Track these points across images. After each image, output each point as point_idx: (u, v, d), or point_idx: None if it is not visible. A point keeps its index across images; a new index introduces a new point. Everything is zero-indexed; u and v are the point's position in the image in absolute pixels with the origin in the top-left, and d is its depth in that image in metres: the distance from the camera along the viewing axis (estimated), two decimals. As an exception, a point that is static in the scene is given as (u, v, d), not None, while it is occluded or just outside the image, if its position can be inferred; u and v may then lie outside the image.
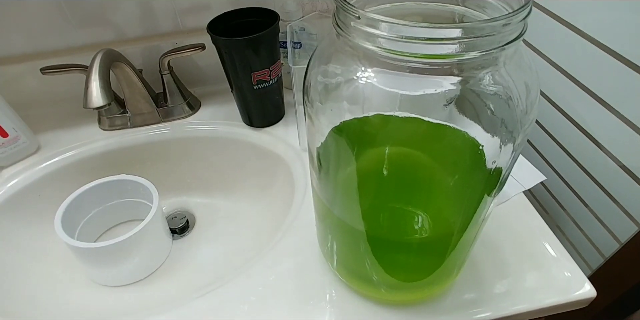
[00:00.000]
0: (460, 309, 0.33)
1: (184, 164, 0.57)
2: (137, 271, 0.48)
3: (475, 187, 0.26)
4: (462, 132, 0.24)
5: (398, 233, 0.28)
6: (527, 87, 0.22)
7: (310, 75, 0.25)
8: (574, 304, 0.34)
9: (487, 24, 0.18)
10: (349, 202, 0.28)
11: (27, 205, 0.49)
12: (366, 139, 0.26)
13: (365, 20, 0.19)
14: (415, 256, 0.30)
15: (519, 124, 0.23)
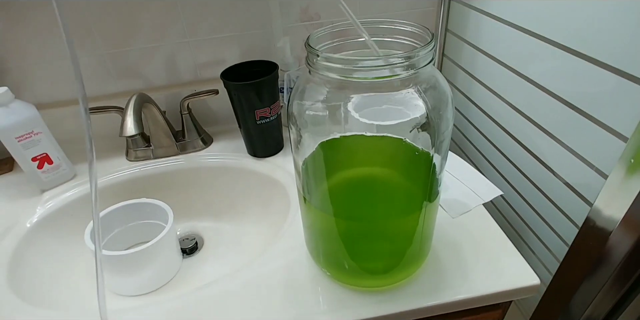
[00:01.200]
0: (423, 293, 0.39)
1: (196, 191, 0.65)
2: (150, 282, 0.54)
3: (419, 182, 0.34)
4: (404, 142, 0.33)
5: (361, 219, 0.36)
6: (441, 102, 0.31)
7: (292, 105, 0.34)
8: (522, 291, 0.39)
9: (403, 55, 0.28)
10: (326, 198, 0.36)
11: (62, 223, 0.57)
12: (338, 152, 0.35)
13: (324, 57, 0.29)
14: (379, 242, 0.37)
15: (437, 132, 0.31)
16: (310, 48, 0.30)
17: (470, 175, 0.54)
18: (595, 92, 0.40)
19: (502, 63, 0.54)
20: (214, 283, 0.44)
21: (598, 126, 0.40)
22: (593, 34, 0.39)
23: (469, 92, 0.65)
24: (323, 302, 0.39)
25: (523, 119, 0.51)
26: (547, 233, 0.50)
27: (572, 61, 0.42)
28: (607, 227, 0.39)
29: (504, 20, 0.52)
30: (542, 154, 0.49)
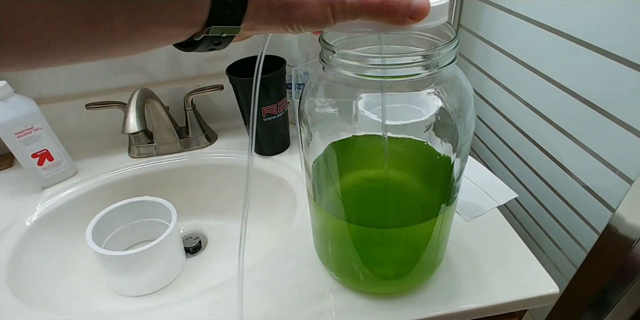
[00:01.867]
0: (436, 302, 0.37)
1: (200, 188, 0.64)
2: (153, 283, 0.53)
3: (436, 186, 0.32)
4: (425, 144, 0.31)
5: (376, 225, 0.34)
6: (462, 103, 0.29)
7: (304, 103, 0.33)
8: (539, 300, 0.38)
9: (428, 52, 0.26)
10: (337, 202, 0.35)
11: (63, 221, 0.56)
12: (351, 153, 0.34)
13: (340, 54, 0.27)
14: (392, 248, 0.36)
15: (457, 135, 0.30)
16: (326, 44, 0.28)
17: (484, 177, 0.52)
18: (617, 90, 0.38)
19: (517, 60, 0.52)
20: (219, 287, 0.42)
21: (621, 127, 0.38)
22: (614, 29, 0.37)
23: (482, 91, 0.63)
24: (333, 309, 0.38)
25: (539, 118, 0.49)
26: (564, 238, 0.48)
27: (592, 57, 0.40)
28: (630, 235, 0.37)
29: (520, 14, 0.50)
30: (559, 156, 0.47)
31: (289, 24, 0.22)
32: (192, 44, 0.21)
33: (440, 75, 0.29)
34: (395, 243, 0.35)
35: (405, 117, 0.31)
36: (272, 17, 0.21)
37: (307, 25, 0.22)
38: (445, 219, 0.34)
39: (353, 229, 0.34)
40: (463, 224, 0.46)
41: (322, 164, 0.33)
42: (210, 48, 0.22)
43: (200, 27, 0.20)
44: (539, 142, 0.51)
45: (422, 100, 0.30)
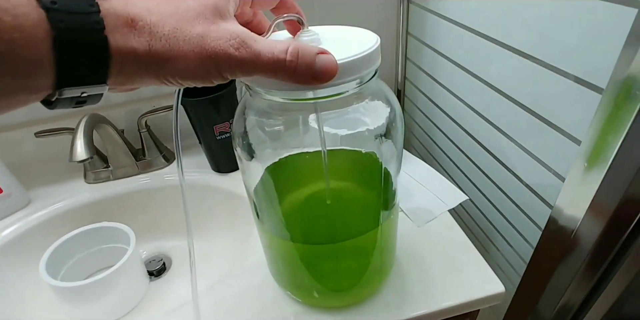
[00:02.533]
0: (388, 309, 0.38)
1: (161, 210, 0.63)
2: (114, 310, 0.52)
3: (374, 195, 0.33)
4: (366, 153, 0.32)
5: (320, 242, 0.35)
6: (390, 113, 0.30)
7: (235, 129, 0.33)
8: (487, 300, 0.39)
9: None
10: (280, 223, 0.35)
11: (16, 255, 0.54)
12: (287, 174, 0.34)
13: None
14: (339, 261, 0.36)
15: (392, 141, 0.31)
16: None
17: (435, 180, 0.53)
18: (548, 95, 0.40)
19: (459, 66, 0.54)
20: (176, 311, 0.42)
21: (552, 128, 0.40)
22: (542, 37, 0.39)
23: (433, 96, 0.65)
24: (289, 324, 0.38)
25: (483, 121, 0.51)
26: (514, 236, 0.50)
27: (524, 64, 0.42)
28: (569, 227, 0.39)
29: (459, 23, 0.52)
30: (504, 157, 0.49)
31: (165, 79, 0.20)
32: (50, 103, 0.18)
33: (366, 89, 0.30)
34: (342, 256, 0.36)
35: (353, 126, 0.32)
36: (142, 71, 0.19)
37: (187, 80, 0.20)
38: (387, 227, 0.35)
39: (299, 248, 0.34)
40: (415, 230, 0.47)
41: (261, 189, 0.33)
42: (75, 106, 0.19)
43: (50, 91, 0.17)
44: (485, 144, 0.52)
45: (353, 116, 0.31)
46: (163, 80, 0.20)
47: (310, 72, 0.22)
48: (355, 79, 0.26)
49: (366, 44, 0.27)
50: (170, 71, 0.19)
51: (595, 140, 0.34)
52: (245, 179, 0.34)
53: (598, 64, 0.33)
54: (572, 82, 0.36)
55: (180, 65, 0.19)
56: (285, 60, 0.21)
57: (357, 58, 0.26)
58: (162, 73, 0.19)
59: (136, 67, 0.19)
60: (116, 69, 0.18)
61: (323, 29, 0.31)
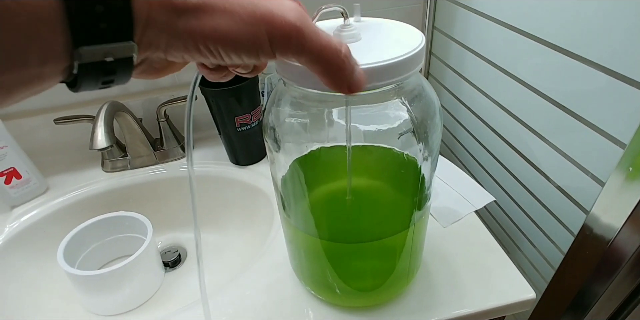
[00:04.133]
0: (413, 313, 0.37)
1: (177, 201, 0.62)
2: (130, 301, 0.52)
3: (407, 195, 0.32)
4: (394, 151, 0.31)
5: (348, 241, 0.33)
6: (428, 111, 0.29)
7: (267, 117, 0.32)
8: (517, 306, 0.37)
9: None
10: (308, 218, 0.34)
11: (33, 241, 0.54)
12: (318, 168, 0.33)
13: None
14: (366, 261, 0.35)
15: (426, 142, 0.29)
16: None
17: (461, 180, 0.52)
18: (585, 92, 0.38)
19: (490, 62, 0.52)
20: (194, 305, 0.41)
21: (591, 129, 0.38)
22: (583, 32, 0.37)
23: (458, 92, 0.63)
24: (309, 323, 0.37)
25: (513, 120, 0.49)
26: (542, 240, 0.48)
27: (561, 60, 0.40)
28: (606, 236, 0.37)
29: (492, 17, 0.50)
30: (534, 158, 0.47)
31: (202, 43, 0.16)
32: (73, 80, 0.15)
33: (406, 85, 0.28)
34: (369, 256, 0.35)
35: (378, 124, 0.30)
36: (174, 28, 0.15)
37: (228, 47, 0.16)
38: (417, 228, 0.33)
39: (325, 245, 0.33)
40: (441, 231, 0.45)
41: (289, 181, 0.32)
42: (103, 83, 0.16)
43: (67, 54, 0.14)
44: (514, 144, 0.51)
45: (390, 111, 0.29)
46: (200, 44, 0.16)
47: (349, 77, 0.20)
48: (395, 81, 0.25)
49: (409, 43, 0.26)
50: (210, 30, 0.16)
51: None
52: (273, 170, 0.33)
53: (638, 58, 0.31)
54: (618, 81, 0.34)
55: (224, 21, 0.16)
56: (341, 53, 0.19)
57: (398, 61, 0.24)
58: (200, 32, 0.16)
59: (167, 18, 0.15)
60: (143, 20, 0.15)
61: (362, 23, 0.30)
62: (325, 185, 0.34)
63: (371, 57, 0.24)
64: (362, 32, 0.27)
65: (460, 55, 0.59)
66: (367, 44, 0.27)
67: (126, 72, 0.16)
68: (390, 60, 0.24)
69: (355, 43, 0.27)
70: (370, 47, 0.26)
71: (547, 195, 0.46)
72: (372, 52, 0.25)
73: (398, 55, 0.24)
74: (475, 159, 0.61)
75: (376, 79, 0.25)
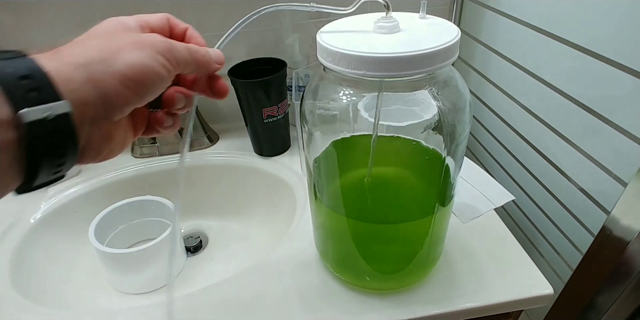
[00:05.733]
0: (434, 300, 0.38)
1: (201, 189, 0.64)
2: (152, 281, 0.54)
3: (431, 185, 0.33)
4: (419, 144, 0.32)
5: (374, 221, 0.35)
6: (457, 104, 0.30)
7: (305, 103, 0.33)
8: (534, 301, 0.38)
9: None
10: (337, 198, 0.35)
11: (66, 220, 0.56)
12: (351, 151, 0.34)
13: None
14: (390, 244, 0.36)
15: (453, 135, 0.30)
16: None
17: (481, 179, 0.52)
18: (613, 95, 0.39)
19: (516, 64, 0.53)
20: (219, 285, 0.43)
21: (616, 131, 0.39)
22: (611, 34, 0.37)
23: (482, 94, 0.63)
24: (332, 305, 0.38)
25: (537, 122, 0.50)
26: (560, 240, 0.49)
27: (589, 63, 0.40)
28: (625, 237, 0.38)
29: (520, 20, 0.51)
30: (556, 159, 0.48)
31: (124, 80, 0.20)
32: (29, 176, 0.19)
33: (438, 75, 0.29)
34: (392, 238, 0.36)
35: (403, 119, 0.32)
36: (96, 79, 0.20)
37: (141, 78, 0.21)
38: (440, 217, 0.35)
39: (352, 224, 0.35)
40: (461, 225, 0.46)
41: (323, 162, 0.34)
42: (56, 157, 0.19)
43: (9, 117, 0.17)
44: (536, 145, 0.51)
45: (419, 100, 0.31)
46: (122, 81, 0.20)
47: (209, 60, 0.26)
48: (425, 71, 0.27)
49: (443, 38, 0.27)
50: (123, 67, 0.20)
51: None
52: (307, 153, 0.35)
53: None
54: (638, 80, 0.35)
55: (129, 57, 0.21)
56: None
57: (430, 52, 0.26)
58: (117, 71, 0.20)
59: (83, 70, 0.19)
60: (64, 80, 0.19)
61: (403, 16, 0.31)
62: (356, 168, 0.35)
63: (406, 47, 0.26)
64: (400, 25, 0.29)
65: (486, 57, 0.60)
66: (407, 35, 0.28)
67: (71, 128, 0.19)
68: (421, 51, 0.26)
69: (396, 34, 0.28)
70: (408, 38, 0.28)
71: (568, 197, 0.47)
72: (408, 43, 0.27)
73: (430, 46, 0.26)
74: (495, 159, 0.62)
75: (409, 68, 0.26)
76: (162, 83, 0.23)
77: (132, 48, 0.21)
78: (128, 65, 0.20)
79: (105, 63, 0.20)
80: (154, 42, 0.22)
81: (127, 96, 0.21)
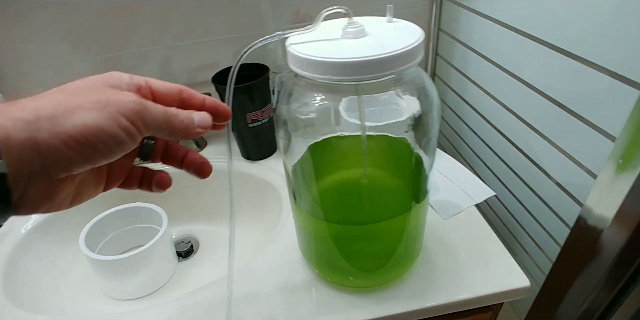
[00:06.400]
0: (414, 295, 0.39)
1: (191, 194, 0.65)
2: (144, 286, 0.55)
3: (404, 182, 0.34)
4: (399, 140, 0.33)
5: (351, 223, 0.36)
6: (426, 102, 0.31)
7: (281, 108, 0.34)
8: (512, 294, 0.39)
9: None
10: (315, 202, 0.36)
11: (57, 228, 0.57)
12: (327, 155, 0.35)
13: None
14: (367, 242, 0.37)
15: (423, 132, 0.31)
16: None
17: (462, 175, 0.53)
18: (584, 92, 0.40)
19: (493, 62, 0.54)
20: (207, 287, 0.44)
21: (587, 126, 0.40)
22: (582, 34, 0.39)
23: (463, 92, 0.65)
24: (316, 304, 0.39)
25: (515, 118, 0.51)
26: (540, 234, 0.50)
27: (561, 61, 0.42)
28: (598, 227, 0.39)
29: (494, 19, 0.52)
30: (534, 154, 0.49)
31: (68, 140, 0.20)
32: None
33: (405, 76, 0.30)
34: (371, 238, 0.37)
35: (378, 119, 0.33)
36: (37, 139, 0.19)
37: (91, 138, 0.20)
38: (416, 213, 0.36)
39: (330, 227, 0.36)
40: (441, 222, 0.47)
41: (300, 167, 0.35)
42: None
43: None
44: (515, 141, 0.52)
45: (388, 100, 0.32)
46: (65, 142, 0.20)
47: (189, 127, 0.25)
48: (395, 72, 0.28)
49: (409, 38, 0.28)
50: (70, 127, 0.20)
51: (631, 136, 0.34)
52: (285, 160, 0.36)
53: (637, 59, 0.33)
54: (609, 78, 0.36)
55: (79, 115, 0.20)
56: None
57: (399, 53, 0.27)
58: (62, 131, 0.20)
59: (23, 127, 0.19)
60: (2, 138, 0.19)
61: (371, 20, 0.32)
62: (333, 171, 0.36)
63: (372, 50, 0.27)
64: (366, 29, 0.30)
65: (465, 56, 0.61)
66: (372, 39, 0.29)
67: (3, 188, 0.19)
68: (384, 54, 0.27)
69: (361, 38, 0.30)
70: (373, 42, 0.29)
71: (546, 190, 0.48)
72: (374, 46, 0.28)
73: (393, 49, 0.27)
74: (477, 156, 0.63)
75: (373, 71, 0.27)
76: (119, 147, 0.22)
77: (90, 107, 0.21)
78: (77, 125, 0.20)
79: (52, 121, 0.20)
80: (121, 103, 0.21)
81: (69, 157, 0.20)
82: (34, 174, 0.20)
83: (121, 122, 0.21)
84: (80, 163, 0.21)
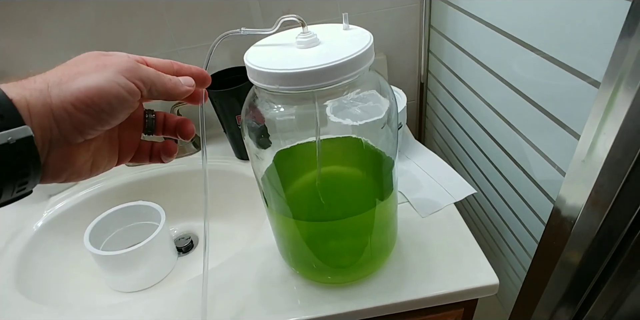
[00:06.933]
0: (387, 291, 0.40)
1: (190, 192, 0.68)
2: (145, 280, 0.58)
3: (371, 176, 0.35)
4: (360, 140, 0.35)
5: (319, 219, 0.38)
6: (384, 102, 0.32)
7: (244, 120, 0.36)
8: (482, 290, 0.40)
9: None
10: (284, 203, 0.38)
11: (66, 226, 0.62)
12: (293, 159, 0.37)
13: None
14: (338, 239, 0.39)
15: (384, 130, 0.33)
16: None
17: (444, 173, 0.54)
18: (555, 91, 0.40)
19: (477, 60, 0.54)
20: (189, 283, 0.47)
21: (557, 125, 0.40)
22: (551, 32, 0.38)
23: (452, 89, 0.65)
24: (292, 299, 0.41)
25: (497, 116, 0.51)
26: (521, 231, 0.50)
27: (533, 59, 0.41)
28: (569, 223, 0.39)
29: (477, 17, 0.52)
30: (514, 152, 0.49)
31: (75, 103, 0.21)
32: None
33: (358, 80, 0.32)
34: (340, 234, 0.39)
35: (362, 117, 0.34)
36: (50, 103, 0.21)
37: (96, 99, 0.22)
38: (382, 210, 0.37)
39: (300, 224, 0.38)
40: (419, 220, 0.48)
41: (268, 173, 0.37)
42: (19, 176, 0.21)
43: None
44: (496, 138, 0.52)
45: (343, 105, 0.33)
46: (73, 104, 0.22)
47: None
48: (352, 76, 0.29)
49: (360, 43, 0.30)
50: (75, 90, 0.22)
51: (592, 134, 0.34)
52: (254, 166, 0.38)
53: (596, 57, 0.33)
54: (574, 77, 0.36)
55: (81, 79, 0.22)
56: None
57: (352, 58, 0.28)
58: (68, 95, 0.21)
59: (39, 95, 0.21)
60: (24, 107, 0.21)
61: (321, 28, 0.34)
62: (299, 174, 0.38)
63: (318, 60, 0.28)
64: (319, 37, 0.31)
65: (453, 53, 0.61)
66: (324, 48, 0.31)
67: (32, 151, 0.21)
68: (329, 63, 0.28)
69: (314, 47, 0.31)
70: (324, 51, 0.30)
71: (524, 188, 0.48)
72: (321, 56, 0.29)
73: (340, 57, 0.28)
74: (466, 153, 0.63)
75: (322, 79, 0.29)
76: (122, 105, 0.23)
77: (91, 71, 0.22)
78: (81, 88, 0.22)
79: (59, 87, 0.21)
80: (118, 62, 0.23)
81: (80, 119, 0.22)
82: (53, 140, 0.22)
83: (120, 80, 0.23)
84: (91, 124, 0.23)
